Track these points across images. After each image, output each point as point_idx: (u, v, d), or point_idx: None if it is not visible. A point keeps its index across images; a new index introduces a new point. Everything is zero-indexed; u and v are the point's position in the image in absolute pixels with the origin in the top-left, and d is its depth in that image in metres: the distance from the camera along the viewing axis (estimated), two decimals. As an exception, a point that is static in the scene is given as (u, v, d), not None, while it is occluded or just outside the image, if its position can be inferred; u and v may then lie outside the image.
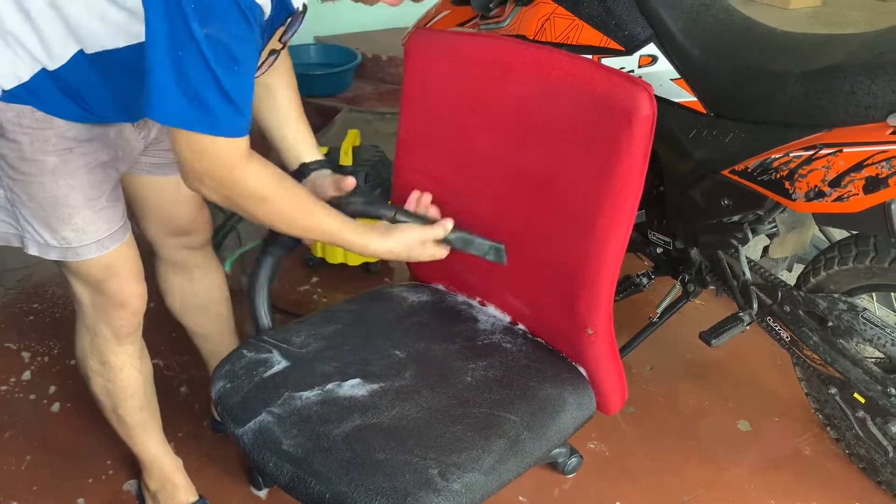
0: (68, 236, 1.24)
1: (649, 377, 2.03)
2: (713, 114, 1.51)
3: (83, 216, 1.23)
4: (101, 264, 1.28)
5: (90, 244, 1.25)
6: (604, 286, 1.20)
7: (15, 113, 1.14)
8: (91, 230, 1.24)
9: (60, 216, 1.22)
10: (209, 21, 0.95)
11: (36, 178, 1.19)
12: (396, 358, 1.30)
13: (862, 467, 1.75)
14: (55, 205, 1.21)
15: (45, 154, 1.17)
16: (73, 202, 1.22)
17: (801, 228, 1.65)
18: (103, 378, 1.41)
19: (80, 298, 1.35)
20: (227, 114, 1.01)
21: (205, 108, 0.99)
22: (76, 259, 1.26)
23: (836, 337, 1.54)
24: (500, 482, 1.13)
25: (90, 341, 1.38)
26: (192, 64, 0.96)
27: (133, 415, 1.47)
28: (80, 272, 1.29)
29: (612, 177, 1.14)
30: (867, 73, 1.27)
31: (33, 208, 1.22)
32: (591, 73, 1.15)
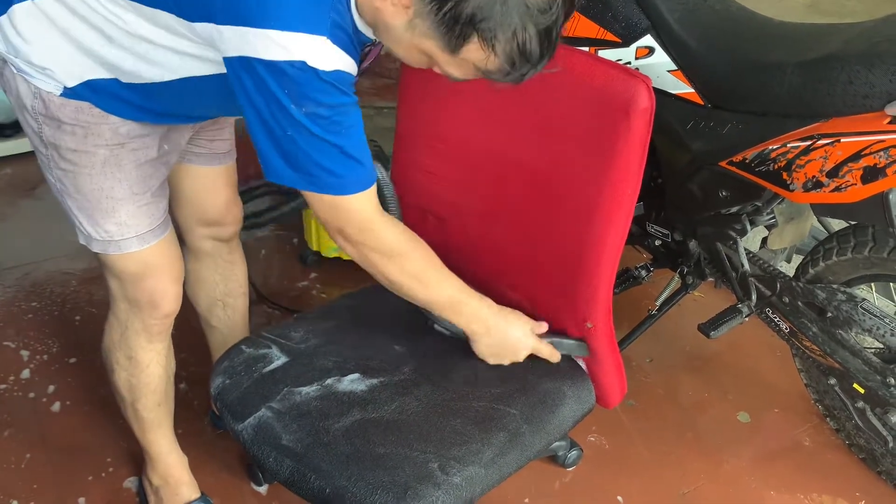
0: (111, 230, 1.26)
1: (649, 370, 2.03)
2: (711, 105, 1.51)
3: (127, 210, 1.25)
4: (139, 260, 1.29)
5: (131, 238, 1.27)
6: (603, 279, 1.20)
7: (74, 108, 1.17)
8: (133, 224, 1.26)
9: (104, 209, 1.24)
10: (305, 102, 0.98)
11: (85, 169, 1.21)
12: (395, 352, 1.30)
13: (862, 458, 1.75)
14: (100, 197, 1.23)
15: (97, 147, 1.20)
16: (119, 195, 1.24)
17: (799, 219, 1.64)
18: (128, 372, 1.42)
19: (115, 293, 1.36)
20: (351, 171, 1.07)
21: (329, 173, 1.05)
22: (117, 252, 1.28)
23: (836, 327, 1.54)
24: (500, 475, 1.13)
25: (120, 335, 1.39)
26: (303, 140, 1.01)
27: (151, 410, 1.47)
28: (118, 267, 1.30)
29: (611, 169, 1.13)
30: (864, 62, 1.27)
31: (79, 200, 1.24)
32: (589, 65, 1.15)
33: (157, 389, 1.46)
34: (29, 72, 1.16)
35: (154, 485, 1.59)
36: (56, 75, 1.15)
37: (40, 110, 1.18)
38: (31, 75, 1.16)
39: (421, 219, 1.44)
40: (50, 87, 1.16)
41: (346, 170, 1.06)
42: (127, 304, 1.35)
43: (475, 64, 0.96)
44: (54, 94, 1.16)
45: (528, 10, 0.90)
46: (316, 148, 1.02)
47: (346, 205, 1.09)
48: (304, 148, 1.02)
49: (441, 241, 1.43)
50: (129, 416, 1.50)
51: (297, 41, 0.94)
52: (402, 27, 0.96)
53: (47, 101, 1.17)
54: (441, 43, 0.94)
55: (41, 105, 1.18)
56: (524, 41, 0.92)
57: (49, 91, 1.16)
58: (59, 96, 1.16)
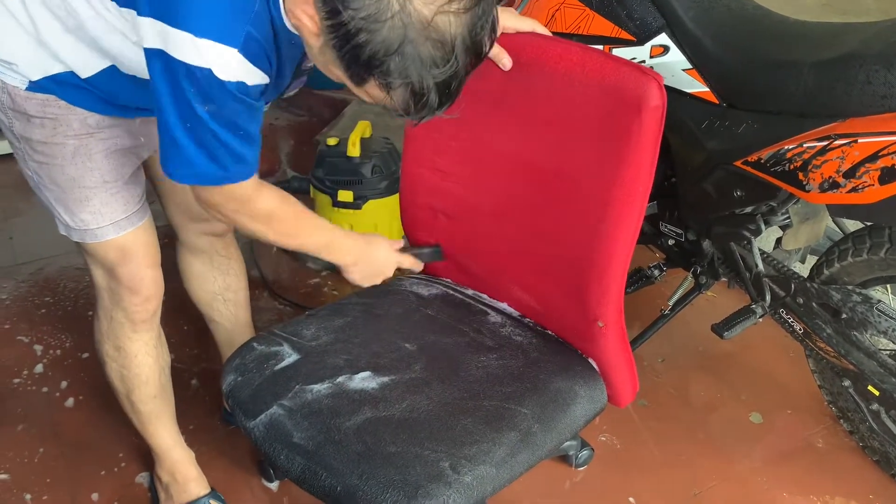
0: (86, 219, 1.27)
1: (661, 369, 2.02)
2: (726, 104, 1.50)
3: (100, 198, 1.27)
4: (116, 247, 1.31)
5: (106, 226, 1.29)
6: (614, 278, 1.20)
7: (40, 101, 1.19)
8: (107, 212, 1.28)
9: (77, 198, 1.26)
10: (208, 102, 1.01)
11: (56, 160, 1.23)
12: (406, 351, 1.30)
13: (876, 460, 1.74)
14: (73, 187, 1.25)
15: (66, 138, 1.22)
16: (90, 184, 1.26)
17: (814, 220, 1.63)
18: (117, 364, 1.43)
19: (98, 282, 1.37)
20: (237, 168, 1.10)
21: (218, 164, 1.08)
22: (94, 241, 1.29)
23: (850, 329, 1.53)
24: (511, 475, 1.13)
25: (106, 326, 1.40)
26: (201, 132, 1.04)
27: (146, 402, 1.48)
28: (97, 255, 1.32)
29: (623, 168, 1.13)
30: (882, 62, 1.26)
31: (55, 191, 1.26)
32: (600, 63, 1.14)
33: (149, 381, 1.46)
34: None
35: (163, 481, 1.59)
36: (20, 69, 1.16)
37: (8, 104, 1.19)
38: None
39: (431, 217, 1.44)
40: (15, 81, 1.17)
41: (234, 166, 1.09)
42: (109, 294, 1.37)
43: (378, 99, 0.98)
44: (20, 87, 1.17)
45: (424, 64, 0.90)
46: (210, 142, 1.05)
47: (227, 191, 1.13)
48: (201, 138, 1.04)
49: (451, 239, 1.43)
50: (127, 409, 1.50)
51: (209, 49, 0.97)
52: (316, 49, 0.97)
53: (13, 94, 1.18)
54: (345, 74, 0.95)
55: (8, 99, 1.19)
56: (421, 92, 0.93)
57: (15, 85, 1.17)
58: (24, 90, 1.17)
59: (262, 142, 1.12)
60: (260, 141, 1.11)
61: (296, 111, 3.52)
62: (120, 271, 1.33)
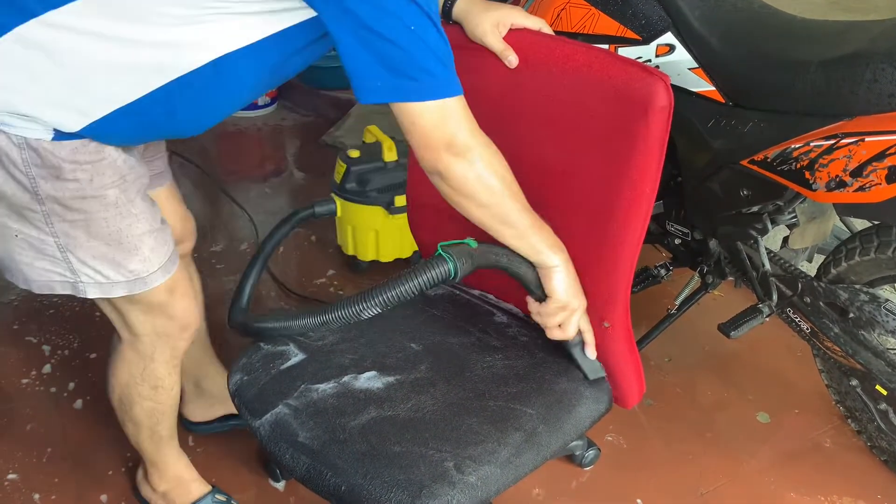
0: (136, 268, 1.21)
1: (668, 369, 2.02)
2: (732, 103, 1.49)
3: (148, 244, 1.22)
4: (164, 289, 1.27)
5: (156, 271, 1.24)
6: (621, 278, 1.19)
7: (70, 150, 1.10)
8: (155, 257, 1.23)
9: (127, 249, 1.19)
10: None
11: (99, 214, 1.16)
12: (412, 350, 1.30)
13: (884, 460, 1.73)
14: (121, 238, 1.18)
15: (104, 188, 1.15)
16: (139, 231, 1.20)
17: (821, 219, 1.62)
18: (152, 402, 1.40)
19: (137, 328, 1.32)
20: (449, 72, 1.03)
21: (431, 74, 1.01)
22: (144, 289, 1.24)
23: (858, 328, 1.52)
24: (516, 475, 1.13)
25: (143, 368, 1.36)
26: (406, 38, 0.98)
27: (170, 427, 1.49)
28: (144, 301, 1.27)
29: (629, 168, 1.13)
30: (889, 60, 1.25)
31: (95, 247, 1.18)
32: (607, 63, 1.14)
33: (176, 405, 1.46)
34: (9, 122, 1.06)
35: (161, 490, 1.57)
36: (49, 122, 1.06)
37: (33, 161, 1.08)
38: (12, 125, 1.06)
39: (437, 218, 1.43)
40: (38, 133, 1.07)
41: (445, 70, 1.03)
42: (155, 336, 1.32)
43: None
44: (44, 139, 1.07)
45: None
46: (415, 44, 0.99)
47: (453, 108, 1.04)
48: (405, 45, 0.99)
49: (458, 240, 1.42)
50: (144, 440, 1.48)
51: None
52: None
53: (39, 149, 1.08)
54: None
55: (33, 156, 1.08)
56: None
57: (38, 138, 1.07)
58: (50, 141, 1.08)
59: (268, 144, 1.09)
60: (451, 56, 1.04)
61: (302, 111, 3.53)
62: (171, 310, 1.30)
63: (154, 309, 1.29)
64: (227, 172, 2.99)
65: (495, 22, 1.23)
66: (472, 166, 1.07)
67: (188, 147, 2.87)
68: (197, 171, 2.70)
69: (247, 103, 1.24)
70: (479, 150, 1.07)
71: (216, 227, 2.61)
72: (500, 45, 1.23)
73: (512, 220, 1.13)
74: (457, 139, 1.05)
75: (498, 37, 1.23)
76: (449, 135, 1.05)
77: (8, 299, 2.23)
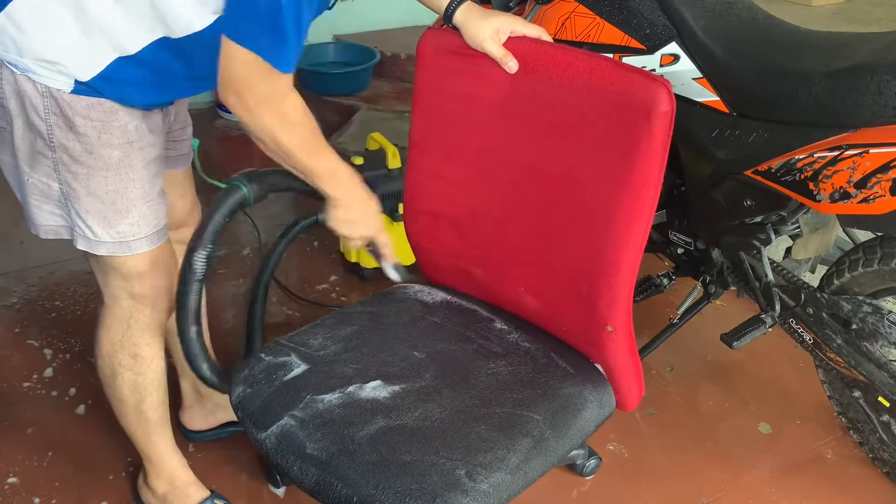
0: (124, 230, 1.28)
1: (670, 378, 2.02)
2: (736, 113, 1.50)
3: (139, 210, 1.28)
4: (146, 259, 1.32)
5: (142, 238, 1.30)
6: (624, 283, 1.20)
7: (85, 105, 1.18)
8: (144, 225, 1.29)
9: (119, 209, 1.26)
10: None
11: (100, 171, 1.23)
12: (415, 359, 1.30)
13: (886, 472, 1.73)
14: (115, 198, 1.25)
15: (110, 147, 1.22)
16: (133, 196, 1.26)
17: (824, 229, 1.63)
18: (133, 371, 1.42)
19: (115, 292, 1.36)
20: (294, 48, 1.12)
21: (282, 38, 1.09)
22: (127, 254, 1.30)
23: (861, 340, 1.52)
24: (526, 481, 1.13)
25: (122, 334, 1.39)
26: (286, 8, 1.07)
27: (156, 409, 1.48)
28: (124, 266, 1.32)
29: (632, 173, 1.13)
30: (894, 72, 1.25)
31: (90, 202, 1.25)
32: (608, 70, 1.15)
33: (160, 385, 1.46)
34: (35, 69, 1.15)
35: (160, 492, 1.57)
36: (68, 68, 1.15)
37: (53, 109, 1.18)
38: (38, 73, 1.16)
39: (435, 224, 1.44)
40: (60, 83, 1.16)
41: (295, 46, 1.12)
42: (131, 301, 1.36)
43: None
44: (65, 91, 1.17)
45: None
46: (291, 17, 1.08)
47: (274, 77, 1.14)
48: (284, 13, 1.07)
49: (456, 247, 1.43)
50: (132, 423, 1.49)
51: None
52: None
53: (59, 98, 1.17)
54: None
55: (53, 104, 1.17)
56: None
57: (59, 88, 1.16)
58: (69, 93, 1.17)
59: None
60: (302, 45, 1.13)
61: (305, 117, 3.53)
62: (150, 282, 1.34)
63: (132, 277, 1.33)
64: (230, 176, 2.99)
65: (495, 29, 1.25)
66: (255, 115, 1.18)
67: (191, 152, 2.87)
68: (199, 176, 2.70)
69: None
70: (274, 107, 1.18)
71: (218, 232, 2.62)
72: (499, 52, 1.24)
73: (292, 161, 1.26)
74: (252, 94, 1.15)
75: (498, 43, 1.25)
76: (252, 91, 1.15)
77: (10, 302, 2.23)
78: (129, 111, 1.23)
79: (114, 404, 1.48)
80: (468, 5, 1.28)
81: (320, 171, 1.28)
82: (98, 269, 1.36)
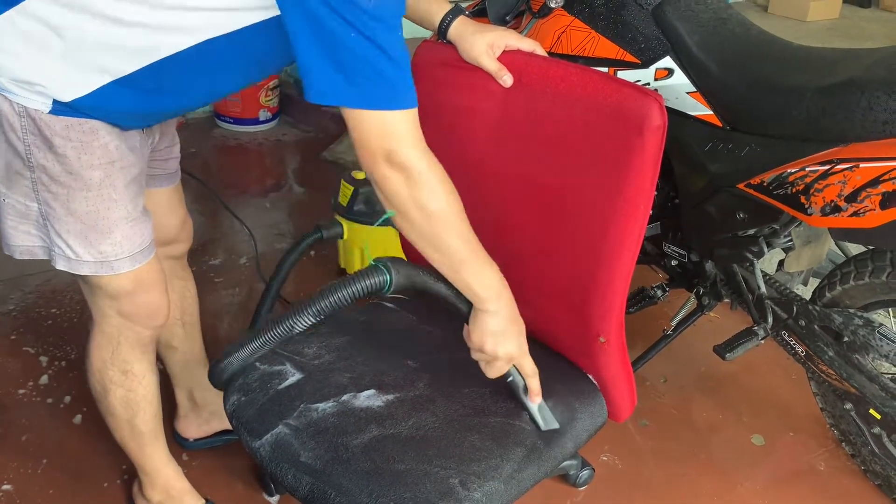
0: (106, 250, 1.25)
1: (663, 390, 2.03)
2: (729, 127, 1.51)
3: (122, 230, 1.25)
4: (132, 278, 1.30)
5: (124, 258, 1.27)
6: (617, 294, 1.21)
7: (64, 125, 1.15)
8: (126, 245, 1.27)
9: (100, 230, 1.23)
10: None
11: (80, 192, 1.20)
12: (409, 368, 1.31)
13: (878, 484, 1.74)
14: (97, 219, 1.23)
15: (91, 168, 1.19)
16: (115, 216, 1.24)
17: (816, 242, 1.64)
18: (124, 388, 1.41)
19: (103, 310, 1.35)
20: (402, 82, 1.03)
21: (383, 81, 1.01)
22: (109, 273, 1.27)
23: (852, 352, 1.53)
24: (519, 490, 1.14)
25: (111, 352, 1.38)
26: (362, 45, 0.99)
27: (149, 422, 1.48)
28: (110, 286, 1.30)
29: (624, 186, 1.14)
30: (884, 88, 1.27)
31: (70, 223, 1.22)
32: (601, 84, 1.16)
33: (153, 400, 1.46)
34: (12, 89, 1.12)
35: (155, 502, 1.57)
36: (47, 90, 1.12)
37: (31, 129, 1.15)
38: (15, 93, 1.12)
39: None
40: (37, 104, 1.13)
41: (399, 80, 1.03)
42: (120, 319, 1.35)
43: None
44: (42, 111, 1.13)
45: None
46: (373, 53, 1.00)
47: (399, 120, 1.03)
48: (362, 53, 1.00)
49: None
50: (125, 436, 1.48)
51: None
52: None
53: (36, 118, 1.14)
54: None
55: (31, 124, 1.14)
56: None
57: (37, 108, 1.13)
58: (47, 113, 1.13)
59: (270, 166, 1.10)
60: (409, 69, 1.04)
61: (303, 127, 3.55)
62: (137, 300, 1.33)
63: (120, 296, 1.32)
64: (227, 186, 3.01)
65: (489, 43, 1.25)
66: (407, 184, 1.06)
67: (189, 161, 2.88)
68: (197, 185, 2.71)
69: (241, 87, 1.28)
70: (419, 170, 1.06)
71: (215, 241, 2.62)
72: (494, 66, 1.25)
73: (444, 248, 1.10)
74: (398, 153, 1.04)
75: (492, 57, 1.25)
76: (389, 147, 1.04)
77: (6, 310, 2.23)
78: (110, 130, 1.20)
79: (106, 418, 1.48)
80: (462, 20, 1.28)
81: (470, 257, 1.11)
82: (85, 287, 1.35)
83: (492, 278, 1.13)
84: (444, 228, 1.09)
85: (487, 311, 1.13)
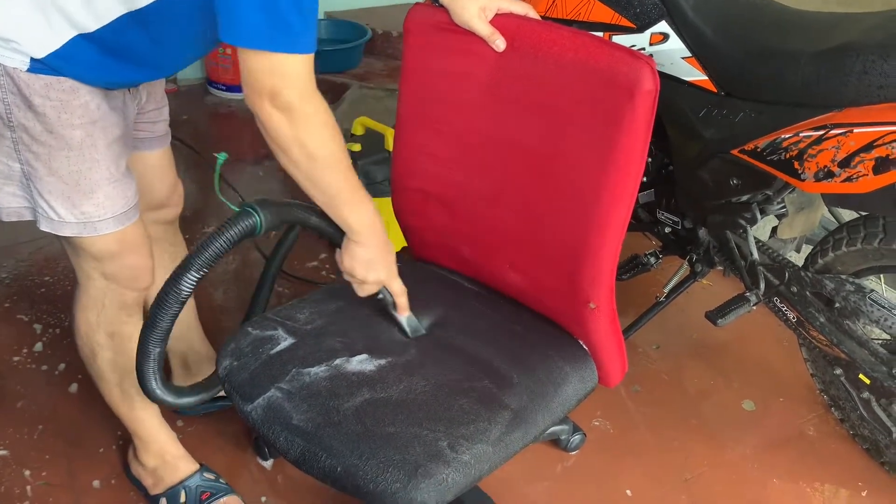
0: (88, 211, 1.24)
1: (655, 356, 2.04)
2: (724, 93, 1.50)
3: (104, 191, 1.25)
4: (116, 239, 1.30)
5: (108, 219, 1.27)
6: (606, 260, 1.21)
7: (43, 84, 1.15)
8: (109, 205, 1.26)
9: (83, 190, 1.23)
10: None
11: (62, 151, 1.19)
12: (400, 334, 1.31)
13: (866, 448, 1.76)
14: (79, 179, 1.22)
15: (71, 128, 1.18)
16: (97, 177, 1.23)
17: (809, 209, 1.64)
18: (111, 351, 1.42)
19: (88, 272, 1.35)
20: (304, 30, 1.05)
21: (286, 26, 1.03)
22: (93, 234, 1.27)
23: (843, 318, 1.54)
24: (507, 453, 1.15)
25: (97, 315, 1.38)
26: None
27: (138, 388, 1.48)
28: (94, 247, 1.30)
29: (615, 151, 1.14)
30: (879, 52, 1.26)
31: (52, 183, 1.22)
32: (593, 48, 1.15)
33: None
34: None
35: (150, 466, 1.58)
36: (22, 46, 1.11)
37: (10, 88, 1.14)
38: None
39: (423, 201, 1.44)
40: (16, 62, 1.12)
41: (298, 24, 1.04)
42: (104, 281, 1.35)
43: None
44: (21, 69, 1.13)
45: None
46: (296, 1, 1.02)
47: (292, 62, 1.06)
48: None
49: (443, 224, 1.44)
50: (116, 400, 1.49)
51: None
52: None
53: (15, 77, 1.13)
54: None
55: (10, 82, 1.14)
56: None
57: (15, 67, 1.13)
58: (25, 72, 1.13)
59: None
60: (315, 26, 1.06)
61: (296, 94, 3.52)
62: (121, 262, 1.32)
63: (104, 258, 1.31)
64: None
65: (482, 6, 1.24)
66: (290, 124, 1.09)
67: (181, 128, 2.86)
68: (189, 152, 2.69)
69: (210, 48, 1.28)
70: (304, 112, 1.09)
71: (208, 209, 2.61)
72: (486, 30, 1.24)
73: (323, 186, 1.17)
74: (282, 94, 1.07)
75: (484, 21, 1.24)
76: (276, 87, 1.06)
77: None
78: (91, 90, 1.19)
79: (97, 382, 1.48)
80: None
81: (348, 195, 1.19)
82: (69, 249, 1.34)
83: (367, 214, 1.22)
84: (324, 168, 1.15)
85: (360, 242, 1.23)
